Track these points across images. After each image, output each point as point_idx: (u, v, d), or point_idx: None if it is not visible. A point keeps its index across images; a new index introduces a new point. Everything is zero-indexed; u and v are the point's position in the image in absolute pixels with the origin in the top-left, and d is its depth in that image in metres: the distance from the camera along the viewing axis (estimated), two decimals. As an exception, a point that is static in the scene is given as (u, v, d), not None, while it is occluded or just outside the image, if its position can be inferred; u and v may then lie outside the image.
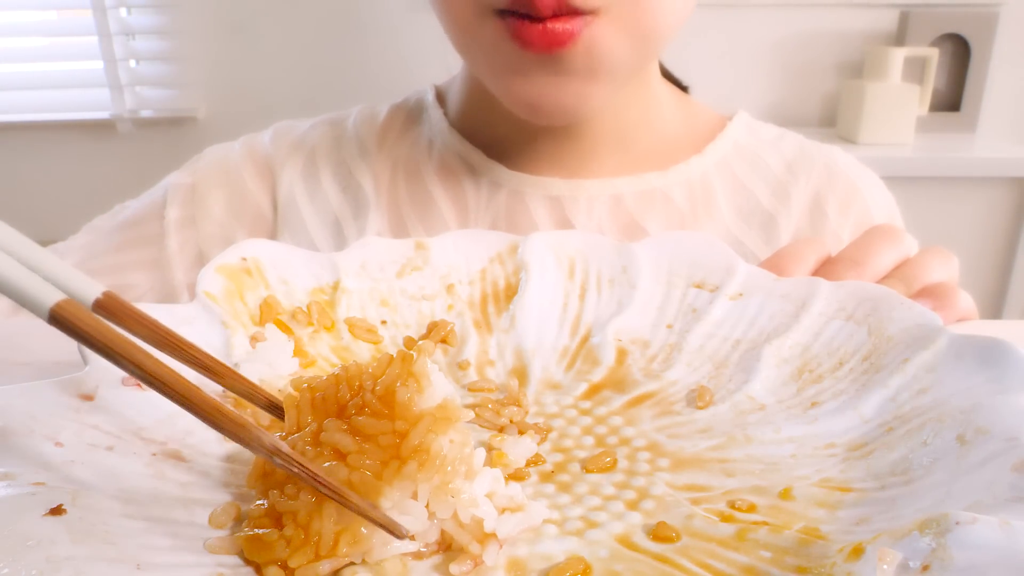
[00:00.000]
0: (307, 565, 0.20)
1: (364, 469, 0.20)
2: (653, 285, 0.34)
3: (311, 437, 0.21)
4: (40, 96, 1.57)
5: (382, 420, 0.21)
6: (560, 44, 0.41)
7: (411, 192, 0.54)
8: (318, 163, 0.55)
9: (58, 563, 0.17)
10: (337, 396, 0.22)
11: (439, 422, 0.21)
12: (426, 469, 0.20)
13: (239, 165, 0.55)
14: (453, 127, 0.55)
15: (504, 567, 0.21)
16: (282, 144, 0.56)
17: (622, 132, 0.52)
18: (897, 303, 0.29)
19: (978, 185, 1.26)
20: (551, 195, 0.52)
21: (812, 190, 0.54)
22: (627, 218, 0.51)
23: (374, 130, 0.56)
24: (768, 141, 0.57)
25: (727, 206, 0.53)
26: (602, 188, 0.52)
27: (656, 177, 0.52)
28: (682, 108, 0.56)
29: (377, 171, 0.55)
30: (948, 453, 0.22)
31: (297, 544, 0.20)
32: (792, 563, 0.20)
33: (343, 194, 0.54)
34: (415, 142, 0.56)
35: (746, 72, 1.45)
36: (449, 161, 0.54)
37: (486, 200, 0.52)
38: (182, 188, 0.54)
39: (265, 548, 0.20)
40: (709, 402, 0.28)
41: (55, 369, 0.29)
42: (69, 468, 0.21)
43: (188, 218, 0.53)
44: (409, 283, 0.34)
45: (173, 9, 1.50)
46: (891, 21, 1.42)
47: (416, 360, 0.22)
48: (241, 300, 0.31)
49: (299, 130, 0.58)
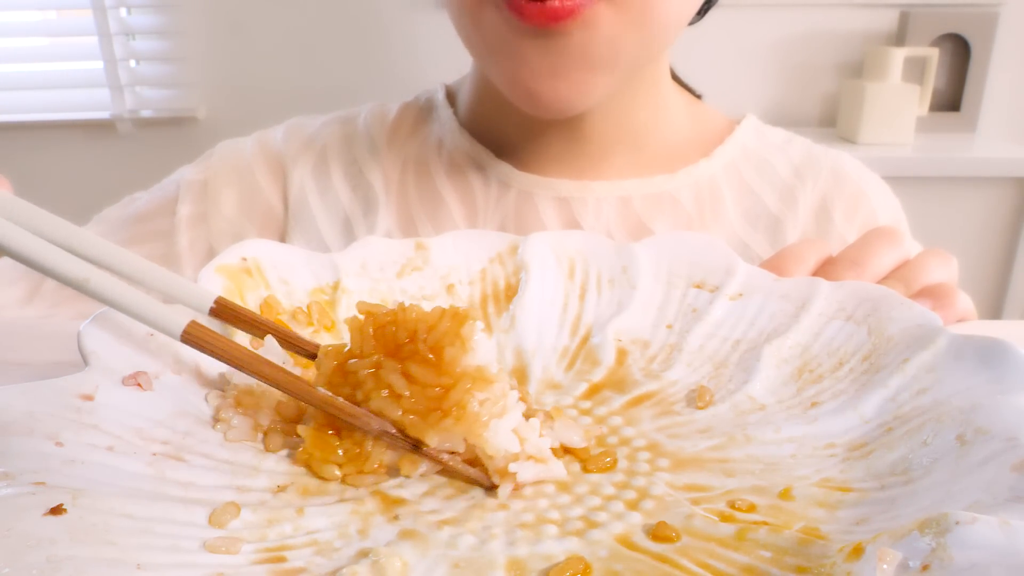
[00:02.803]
0: (356, 475, 0.24)
1: (414, 413, 0.24)
2: (653, 285, 0.34)
3: (372, 367, 0.25)
4: (40, 96, 1.57)
5: (430, 371, 0.24)
6: (558, 18, 0.40)
7: (420, 191, 0.54)
8: (329, 161, 0.55)
9: (58, 563, 0.17)
10: (396, 335, 0.25)
11: (477, 382, 0.24)
12: (462, 423, 0.24)
13: (251, 162, 0.55)
14: (463, 127, 0.55)
15: (504, 567, 0.21)
16: (294, 141, 0.56)
17: (632, 134, 0.52)
18: (897, 303, 0.29)
19: (978, 185, 1.26)
20: (560, 196, 0.52)
21: (819, 195, 0.54)
22: (635, 220, 0.52)
23: (384, 128, 0.57)
24: (776, 145, 0.57)
25: (734, 210, 0.53)
26: (611, 190, 0.52)
27: (665, 179, 0.53)
28: (692, 112, 0.56)
29: (387, 169, 0.55)
30: (948, 453, 0.22)
31: (351, 456, 0.24)
32: (792, 563, 0.20)
33: (353, 192, 0.54)
34: (425, 141, 0.56)
35: (746, 72, 1.45)
36: (459, 161, 0.54)
37: (495, 200, 0.52)
38: (194, 184, 0.54)
39: (327, 446, 0.24)
40: (709, 402, 0.28)
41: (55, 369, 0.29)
42: (69, 468, 0.21)
43: (199, 215, 0.53)
44: (409, 283, 0.34)
45: (173, 9, 1.50)
46: (891, 21, 1.42)
47: (465, 322, 0.24)
48: (241, 300, 0.31)
49: (311, 127, 0.58)
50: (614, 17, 0.42)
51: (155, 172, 0.58)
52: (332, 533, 0.22)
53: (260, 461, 0.25)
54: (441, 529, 0.22)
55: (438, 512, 0.23)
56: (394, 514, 0.23)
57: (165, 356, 0.27)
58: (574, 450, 0.26)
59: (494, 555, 0.21)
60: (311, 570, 0.20)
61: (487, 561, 0.21)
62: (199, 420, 0.26)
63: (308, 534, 0.22)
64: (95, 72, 1.53)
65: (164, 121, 1.54)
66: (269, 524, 0.22)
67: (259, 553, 0.21)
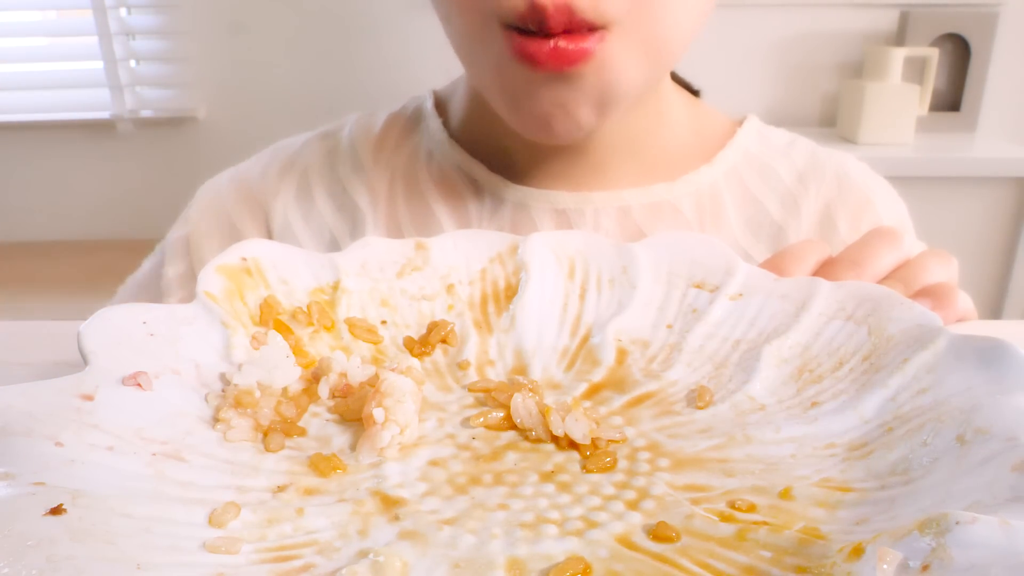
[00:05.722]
0: None
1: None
2: (653, 285, 0.34)
3: None
4: (40, 96, 1.57)
5: None
6: (571, 63, 0.39)
7: (410, 206, 0.53)
8: (311, 183, 0.54)
9: (58, 563, 0.17)
10: None
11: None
12: None
13: (229, 208, 0.54)
14: (454, 138, 0.53)
15: (504, 567, 0.21)
16: (273, 170, 0.55)
17: (632, 143, 0.51)
18: (897, 303, 0.29)
19: (978, 185, 1.26)
20: (557, 208, 0.50)
21: (823, 201, 0.53)
22: (635, 230, 0.50)
23: (370, 142, 0.55)
24: (778, 148, 0.55)
25: (736, 217, 0.52)
26: (609, 200, 0.51)
27: (664, 188, 0.51)
28: (692, 114, 0.55)
29: (374, 184, 0.53)
30: (948, 453, 0.22)
31: None
32: (792, 563, 0.20)
33: (338, 212, 0.53)
34: (413, 153, 0.54)
35: (746, 72, 1.45)
36: (449, 174, 0.53)
37: (489, 215, 0.51)
38: (178, 243, 0.54)
39: None
40: (709, 402, 0.28)
41: (55, 369, 0.29)
42: (69, 468, 0.21)
43: (187, 272, 0.53)
44: (409, 283, 0.34)
45: (173, 9, 1.50)
46: (891, 21, 1.42)
47: None
48: (241, 300, 0.31)
49: (292, 149, 0.56)
50: (625, 52, 0.40)
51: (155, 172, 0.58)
52: (332, 533, 0.22)
53: (260, 461, 0.25)
54: (441, 529, 0.22)
55: (438, 512, 0.23)
56: (394, 514, 0.23)
57: (165, 356, 0.27)
58: (578, 445, 0.26)
59: (494, 555, 0.21)
60: (311, 570, 0.20)
61: (487, 561, 0.21)
62: (199, 420, 0.26)
63: (308, 534, 0.22)
64: (95, 72, 1.53)
65: (164, 121, 1.54)
66: (269, 524, 0.22)
67: (259, 553, 0.21)
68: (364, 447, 0.26)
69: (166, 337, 0.28)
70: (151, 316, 0.28)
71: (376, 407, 0.26)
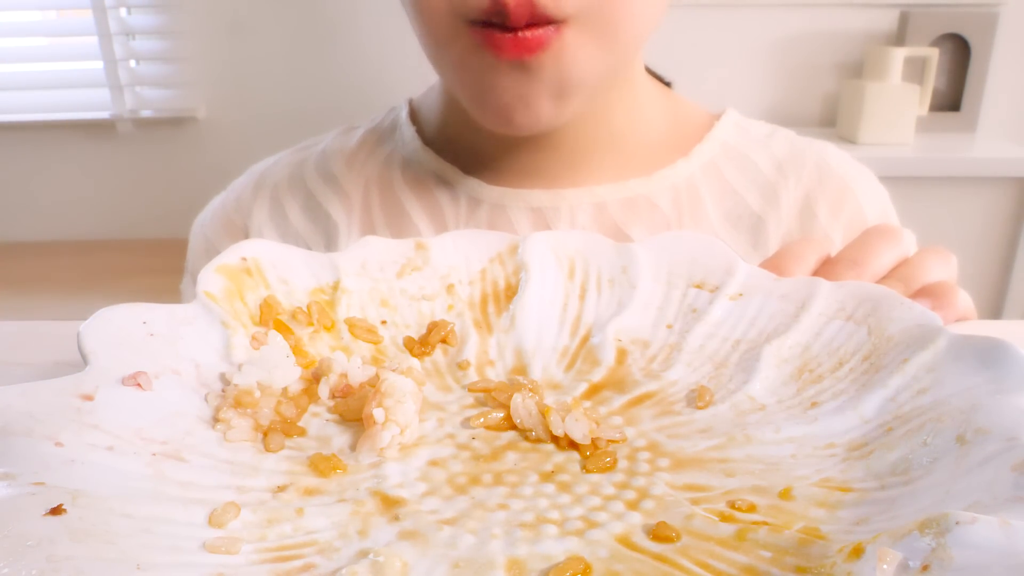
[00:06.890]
0: None
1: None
2: (653, 285, 0.34)
3: None
4: (40, 96, 1.57)
5: None
6: (530, 50, 0.41)
7: (386, 212, 0.53)
8: (282, 199, 0.55)
9: (58, 563, 0.17)
10: None
11: None
12: None
13: (214, 239, 0.56)
14: (428, 144, 0.54)
15: (504, 567, 0.21)
16: (246, 193, 0.57)
17: (606, 138, 0.51)
18: (897, 303, 0.29)
19: (978, 185, 1.26)
20: (533, 207, 0.51)
21: (802, 192, 0.52)
22: (611, 226, 0.50)
23: (343, 154, 0.56)
24: (757, 140, 0.55)
25: (714, 210, 0.52)
26: (585, 196, 0.51)
27: (640, 183, 0.51)
28: (668, 107, 0.54)
29: (348, 194, 0.54)
30: (948, 453, 0.22)
31: None
32: (792, 563, 0.20)
33: (313, 224, 0.54)
34: (386, 162, 0.55)
35: (746, 72, 1.45)
36: (423, 179, 0.53)
37: (466, 217, 0.52)
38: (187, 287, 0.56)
39: None
40: (709, 402, 0.28)
41: (55, 369, 0.29)
42: (69, 468, 0.21)
43: None
44: (409, 283, 0.34)
45: (173, 9, 1.50)
46: (891, 21, 1.42)
47: None
48: (241, 300, 0.31)
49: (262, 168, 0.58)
50: (582, 42, 0.42)
51: (155, 172, 0.58)
52: (332, 533, 0.22)
53: (260, 461, 0.25)
54: (441, 529, 0.22)
55: (438, 512, 0.23)
56: (394, 514, 0.23)
57: (165, 356, 0.27)
58: (578, 445, 0.26)
59: (494, 555, 0.21)
60: (311, 570, 0.20)
61: (487, 561, 0.21)
62: (199, 420, 0.26)
63: (308, 534, 0.22)
64: (95, 72, 1.53)
65: (164, 121, 1.54)
66: (269, 524, 0.22)
67: (259, 553, 0.21)
68: (364, 447, 0.26)
69: (166, 337, 0.28)
70: (151, 316, 0.28)
71: (376, 407, 0.26)
